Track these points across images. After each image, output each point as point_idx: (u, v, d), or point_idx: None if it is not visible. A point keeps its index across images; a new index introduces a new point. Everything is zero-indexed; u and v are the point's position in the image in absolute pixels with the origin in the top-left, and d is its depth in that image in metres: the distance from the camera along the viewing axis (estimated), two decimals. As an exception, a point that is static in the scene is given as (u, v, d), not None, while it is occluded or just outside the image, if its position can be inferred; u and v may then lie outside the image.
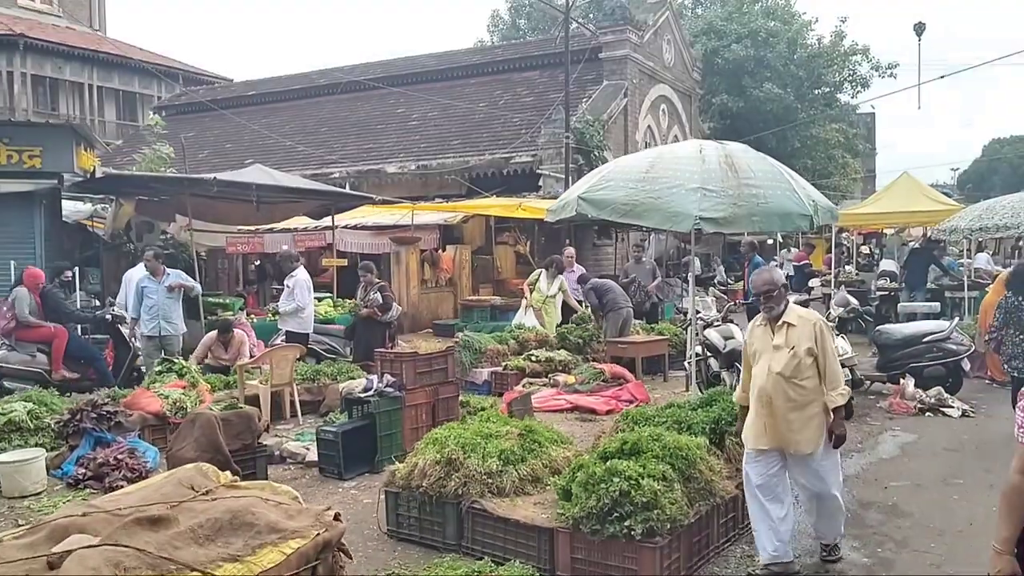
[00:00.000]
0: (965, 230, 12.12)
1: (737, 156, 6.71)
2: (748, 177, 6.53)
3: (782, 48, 29.19)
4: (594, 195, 6.59)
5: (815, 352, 4.63)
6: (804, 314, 4.78)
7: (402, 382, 7.02)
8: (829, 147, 31.10)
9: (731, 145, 7.02)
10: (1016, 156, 58.41)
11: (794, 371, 4.61)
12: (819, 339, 4.64)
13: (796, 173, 7.34)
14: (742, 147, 7.07)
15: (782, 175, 6.69)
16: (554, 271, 12.14)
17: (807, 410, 4.67)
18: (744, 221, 6.39)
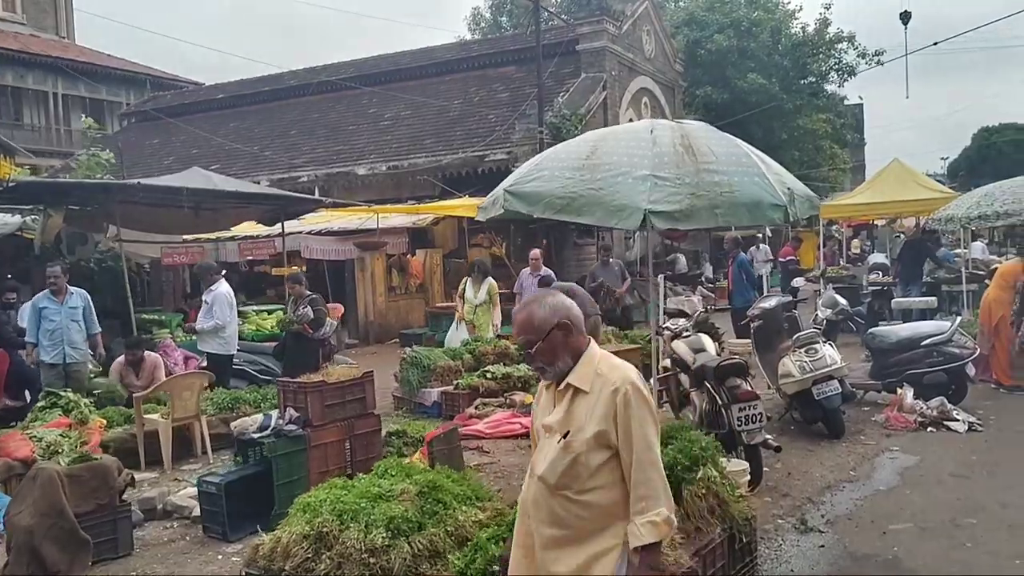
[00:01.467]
0: (962, 219, 10.93)
1: (695, 136, 5.50)
2: (709, 161, 5.32)
3: (765, 38, 27.99)
4: (523, 188, 5.38)
5: (612, 442, 2.64)
6: (607, 371, 2.71)
7: (307, 417, 5.82)
8: (817, 138, 29.90)
9: (689, 124, 5.82)
10: (1006, 144, 57.17)
11: (565, 475, 2.67)
12: (621, 417, 2.62)
13: (772, 159, 6.19)
14: (702, 126, 5.87)
15: (750, 158, 5.48)
16: (479, 276, 10.91)
17: (587, 546, 2.67)
18: (705, 214, 5.18)
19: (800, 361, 7.49)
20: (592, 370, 2.73)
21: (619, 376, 2.68)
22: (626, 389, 2.64)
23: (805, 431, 7.79)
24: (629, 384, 2.65)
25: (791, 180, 5.94)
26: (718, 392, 6.10)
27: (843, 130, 32.58)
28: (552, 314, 2.76)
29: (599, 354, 2.79)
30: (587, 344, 2.80)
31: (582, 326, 2.80)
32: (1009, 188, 10.96)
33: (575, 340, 2.77)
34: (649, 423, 2.67)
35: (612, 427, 2.64)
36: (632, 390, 2.65)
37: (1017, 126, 61.02)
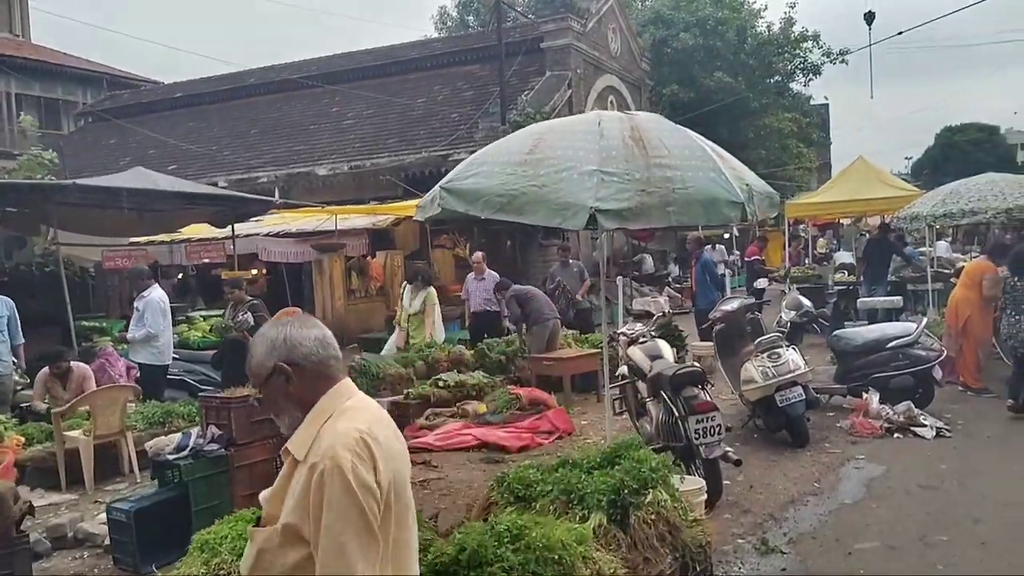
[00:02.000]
0: (927, 217, 10.65)
1: (646, 129, 5.09)
2: (660, 155, 4.91)
3: (731, 37, 27.78)
4: (461, 185, 4.93)
5: (306, 537, 1.90)
6: (326, 436, 1.95)
7: (231, 435, 5.32)
8: (783, 137, 29.76)
9: (640, 115, 5.41)
10: (968, 143, 57.76)
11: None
12: (313, 507, 1.87)
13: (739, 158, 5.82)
14: (653, 117, 5.48)
15: (704, 152, 5.07)
16: (420, 284, 10.41)
17: None
18: (656, 213, 4.77)
19: (762, 366, 7.11)
20: (315, 432, 1.98)
21: (325, 448, 1.90)
22: (324, 468, 1.86)
23: (769, 439, 7.43)
24: (329, 461, 1.86)
25: (749, 176, 5.55)
26: (674, 402, 5.69)
27: (809, 129, 32.48)
28: (268, 354, 2.06)
29: (334, 410, 2.02)
30: (323, 392, 2.05)
31: (320, 366, 2.06)
32: (974, 186, 10.70)
33: (302, 388, 2.04)
34: (348, 521, 1.84)
35: (306, 518, 1.89)
36: (331, 471, 1.86)
37: (978, 125, 61.79)
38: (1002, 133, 63.28)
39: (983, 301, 8.89)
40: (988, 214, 10.19)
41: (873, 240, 14.10)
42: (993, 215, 10.05)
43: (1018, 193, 10.14)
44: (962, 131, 61.08)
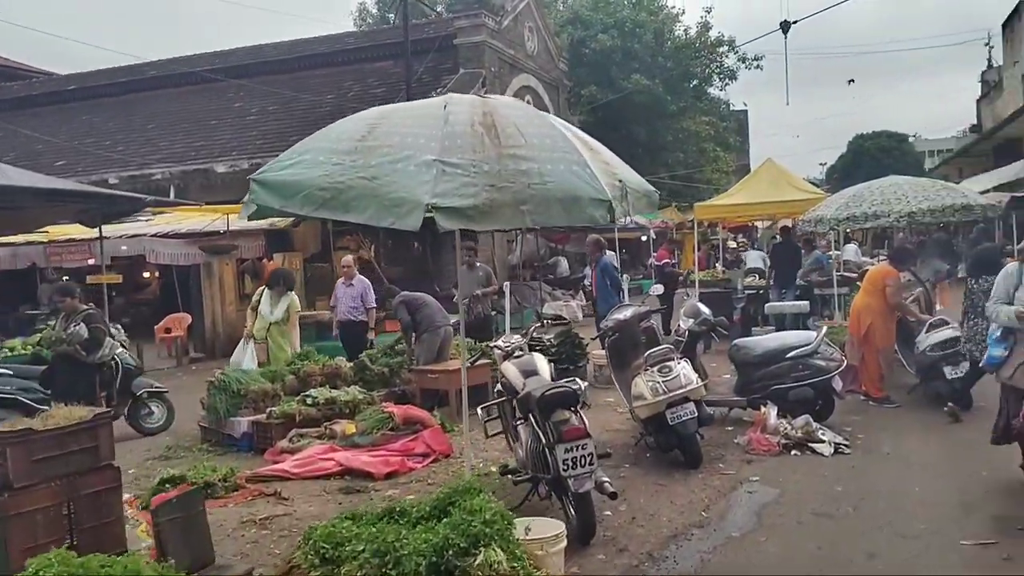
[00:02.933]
0: (832, 220, 10.25)
1: (502, 115, 4.36)
2: (515, 145, 4.19)
3: (649, 39, 27.55)
4: (276, 176, 4.11)
5: None
6: None
7: (6, 477, 4.37)
8: (700, 140, 29.70)
9: (498, 99, 4.68)
10: (878, 150, 59.29)
11: None
12: None
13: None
14: (512, 102, 4.78)
15: (568, 143, 4.37)
16: (282, 288, 9.47)
17: None
18: (508, 212, 4.04)
19: (652, 381, 6.47)
20: None
21: None
22: None
23: (660, 459, 6.79)
24: None
25: (625, 172, 4.87)
26: (543, 427, 4.97)
27: (726, 133, 32.56)
28: None
29: None
30: None
31: None
32: (878, 188, 10.34)
33: None
34: None
35: None
36: None
37: (888, 133, 63.49)
38: (911, 141, 65.10)
39: (886, 308, 8.47)
40: (891, 217, 9.82)
41: (779, 244, 13.81)
42: (896, 218, 9.69)
43: (921, 196, 9.80)
44: (873, 138, 62.68)
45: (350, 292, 10.11)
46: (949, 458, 6.54)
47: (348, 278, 10.27)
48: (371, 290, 10.28)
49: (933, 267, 10.69)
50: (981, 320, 7.01)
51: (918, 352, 8.37)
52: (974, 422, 7.59)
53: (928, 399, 8.49)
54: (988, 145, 28.93)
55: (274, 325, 9.23)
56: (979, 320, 7.13)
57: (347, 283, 10.24)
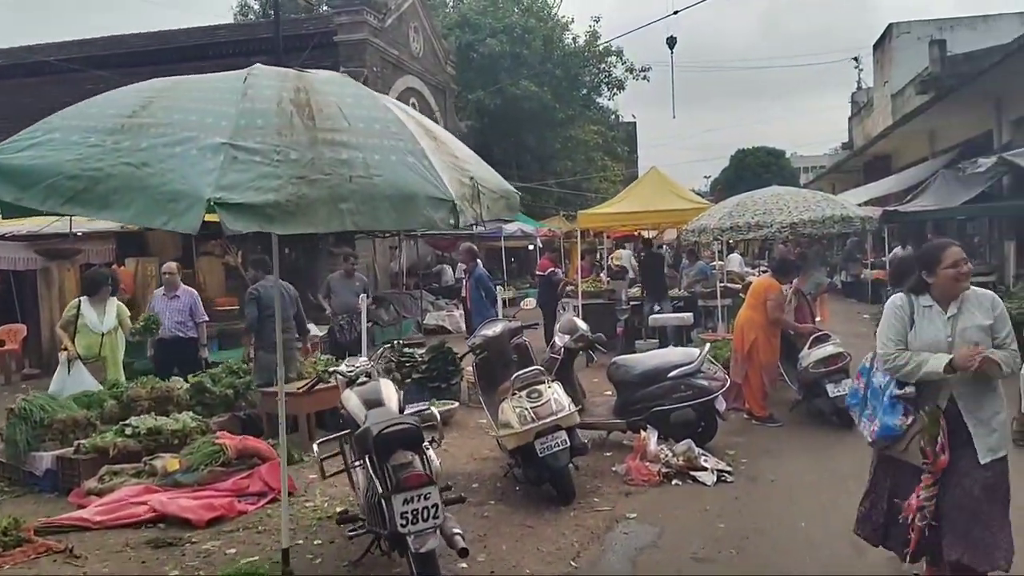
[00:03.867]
0: (715, 230, 9.85)
1: (319, 91, 3.50)
2: (336, 129, 3.34)
3: (538, 46, 27.12)
4: (11, 160, 3.11)
5: None
6: None
7: None
8: (589, 149, 29.51)
9: (316, 74, 3.80)
10: (758, 164, 61.41)
11: None
12: None
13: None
14: (335, 77, 3.92)
15: (404, 129, 3.55)
16: (106, 291, 8.13)
17: None
18: (322, 210, 3.17)
19: (520, 408, 5.72)
20: None
21: None
22: None
23: (531, 494, 6.05)
24: None
25: (479, 168, 4.08)
26: (380, 472, 4.12)
27: (614, 143, 32.56)
28: None
29: None
30: None
31: None
32: (760, 198, 10.02)
33: None
34: None
35: None
36: None
37: (767, 149, 66.01)
38: (787, 157, 67.82)
39: (769, 322, 8.05)
40: (773, 228, 9.48)
41: (645, 257, 13.58)
42: (778, 229, 9.36)
43: (802, 207, 9.51)
44: (753, 153, 65.03)
45: (175, 305, 8.85)
46: (835, 485, 6.06)
47: (171, 288, 9.00)
48: (200, 301, 9.11)
49: (814, 280, 10.45)
50: None
51: (800, 368, 7.98)
52: (856, 440, 7.22)
53: (811, 417, 8.12)
54: (860, 161, 29.99)
55: (107, 336, 7.97)
56: None
57: (170, 295, 8.96)
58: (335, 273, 11.34)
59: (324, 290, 10.81)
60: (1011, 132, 17.37)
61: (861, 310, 17.72)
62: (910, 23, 27.36)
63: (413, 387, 9.44)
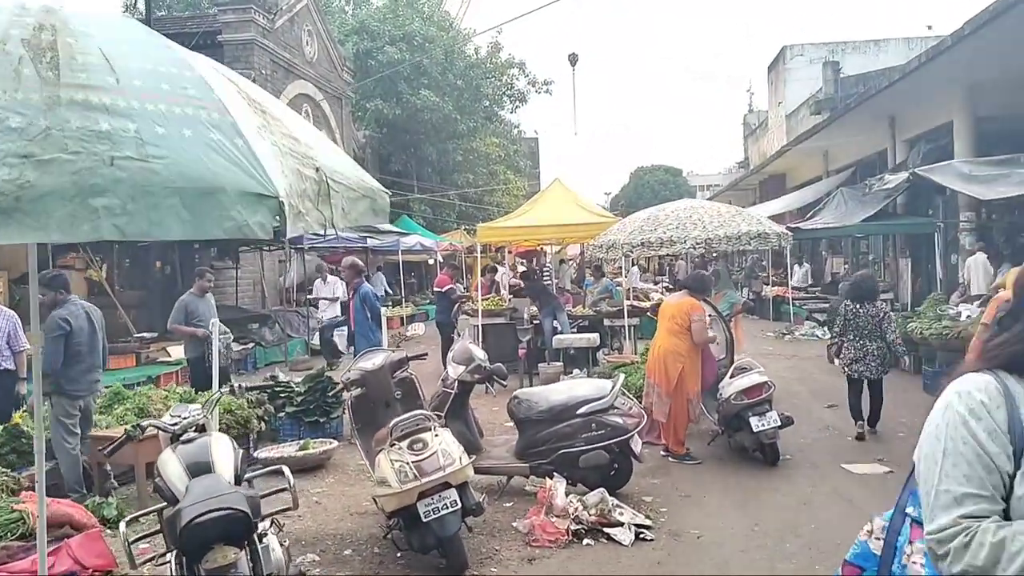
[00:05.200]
0: (625, 245, 9.01)
1: (78, 31, 2.31)
2: (94, 85, 2.17)
3: (439, 55, 26.07)
4: None
5: None
6: None
7: None
8: (491, 162, 28.61)
9: (71, 9, 2.59)
10: (656, 182, 62.38)
11: None
12: None
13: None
14: (109, 17, 2.71)
15: (210, 94, 2.41)
16: None
17: None
18: (59, 208, 2.00)
19: (400, 462, 4.59)
20: None
21: None
22: None
23: (415, 562, 4.94)
24: None
25: (332, 158, 2.97)
26: (190, 572, 2.92)
27: (517, 156, 31.80)
28: None
29: None
30: None
31: None
32: (673, 212, 9.25)
33: None
34: None
35: None
36: None
37: (665, 167, 67.23)
38: (684, 175, 69.13)
39: (694, 348, 7.17)
40: (687, 243, 8.72)
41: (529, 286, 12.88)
42: (692, 244, 8.60)
43: (716, 222, 8.79)
44: (652, 171, 66.11)
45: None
46: (770, 543, 5.19)
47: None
48: (20, 326, 7.58)
49: (728, 298, 9.73)
50: (869, 342, 7.58)
51: (721, 399, 7.15)
52: (784, 481, 6.43)
53: (732, 452, 7.30)
54: (756, 179, 30.25)
55: None
56: (866, 342, 7.59)
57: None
58: (188, 294, 9.63)
59: (180, 315, 9.14)
60: (905, 151, 17.44)
61: (764, 327, 17.38)
62: (803, 45, 27.76)
63: (287, 422, 8.19)
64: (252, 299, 18.77)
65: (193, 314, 9.02)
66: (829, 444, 7.62)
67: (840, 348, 7.83)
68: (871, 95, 16.10)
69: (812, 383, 10.88)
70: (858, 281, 8.17)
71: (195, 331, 8.85)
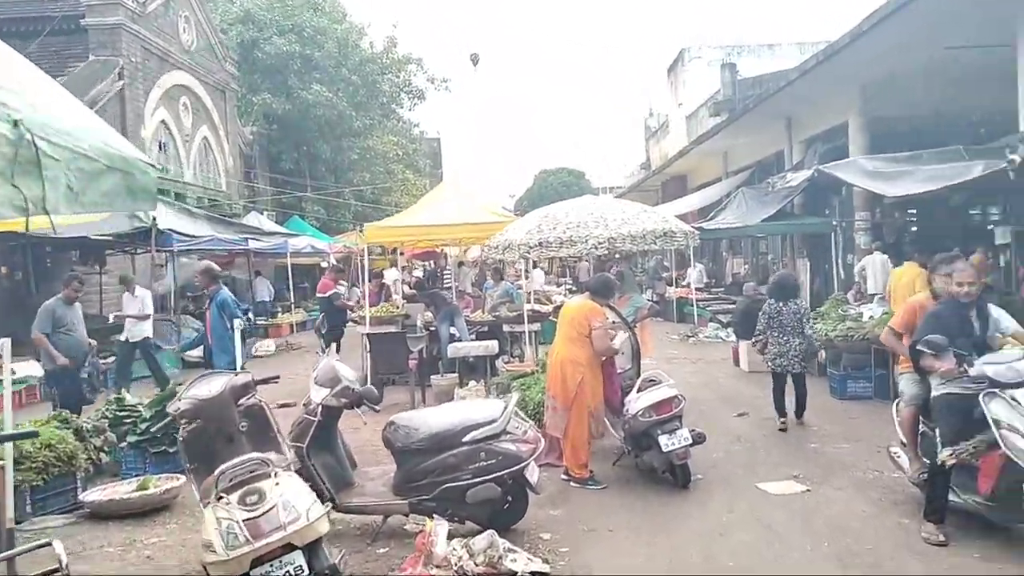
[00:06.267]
0: (522, 246, 8.18)
1: None
2: None
3: (332, 48, 24.77)
4: None
5: None
6: None
7: None
8: (389, 161, 27.43)
9: None
10: (560, 184, 62.26)
11: None
12: None
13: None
14: None
15: None
16: None
17: None
18: None
19: (228, 521, 3.59)
20: None
21: None
22: None
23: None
24: None
25: (55, 112, 1.96)
26: None
27: (416, 156, 30.69)
28: None
29: None
30: None
31: None
32: (573, 209, 8.49)
33: None
34: None
35: None
36: None
37: (568, 169, 67.30)
38: (587, 178, 69.41)
39: (595, 356, 6.39)
40: (589, 243, 7.95)
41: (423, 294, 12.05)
42: (595, 244, 7.84)
43: (620, 220, 8.07)
44: (555, 173, 66.02)
45: None
46: None
47: None
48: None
49: (634, 302, 9.06)
50: (792, 338, 7.87)
51: (628, 415, 6.39)
52: (697, 506, 5.72)
53: (640, 474, 6.56)
54: (657, 180, 30.16)
55: None
56: (789, 338, 7.88)
57: None
58: (55, 300, 8.54)
59: (46, 322, 8.11)
60: (802, 151, 17.38)
61: (669, 330, 16.97)
62: (700, 48, 27.80)
63: (131, 452, 6.98)
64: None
65: (60, 322, 8.30)
66: (742, 459, 6.99)
67: (765, 344, 8.11)
68: (769, 95, 15.92)
69: (719, 388, 10.37)
70: (780, 280, 8.42)
71: (56, 356, 7.80)
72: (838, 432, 7.75)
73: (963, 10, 9.85)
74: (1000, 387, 4.60)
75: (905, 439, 5.52)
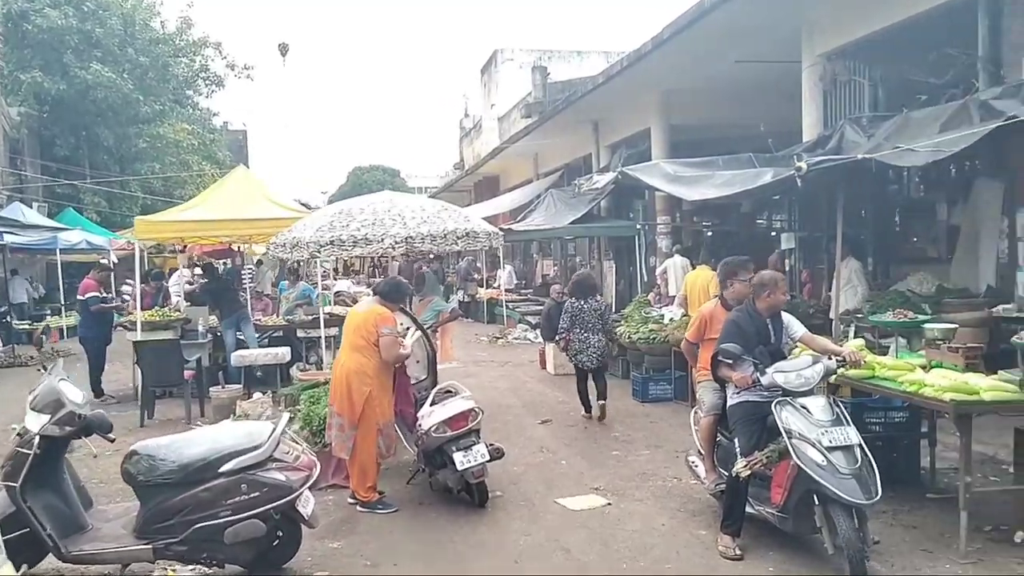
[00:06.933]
0: (312, 244, 7.40)
1: None
2: None
3: (116, 25, 22.40)
4: None
5: None
6: None
7: None
8: (183, 151, 25.24)
9: None
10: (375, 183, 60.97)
11: None
12: None
13: None
14: None
15: None
16: None
17: None
18: None
19: None
20: None
21: None
22: None
23: None
24: None
25: None
26: None
27: (215, 147, 28.53)
28: None
29: None
30: None
31: None
32: (369, 205, 7.82)
33: None
34: None
35: None
36: None
37: (383, 168, 66.20)
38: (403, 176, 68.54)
39: (384, 367, 5.76)
40: (385, 243, 7.32)
41: (207, 284, 11.11)
42: (392, 243, 7.22)
43: (420, 219, 7.51)
44: (370, 171, 64.64)
45: None
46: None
47: None
48: None
49: (435, 306, 8.54)
50: (592, 335, 8.20)
51: (421, 431, 5.84)
52: (492, 530, 5.25)
53: (435, 494, 6.03)
54: (470, 181, 30.02)
55: None
56: (589, 335, 8.19)
57: None
58: None
59: None
60: (608, 155, 17.74)
61: (479, 331, 16.67)
62: (513, 50, 27.95)
63: None
64: None
65: None
66: (544, 471, 6.65)
67: (568, 342, 8.32)
68: (577, 98, 16.07)
69: (525, 394, 10.10)
70: (579, 280, 8.64)
71: None
72: (640, 438, 7.64)
73: (753, 26, 10.26)
74: (791, 395, 4.50)
75: (703, 449, 5.37)
